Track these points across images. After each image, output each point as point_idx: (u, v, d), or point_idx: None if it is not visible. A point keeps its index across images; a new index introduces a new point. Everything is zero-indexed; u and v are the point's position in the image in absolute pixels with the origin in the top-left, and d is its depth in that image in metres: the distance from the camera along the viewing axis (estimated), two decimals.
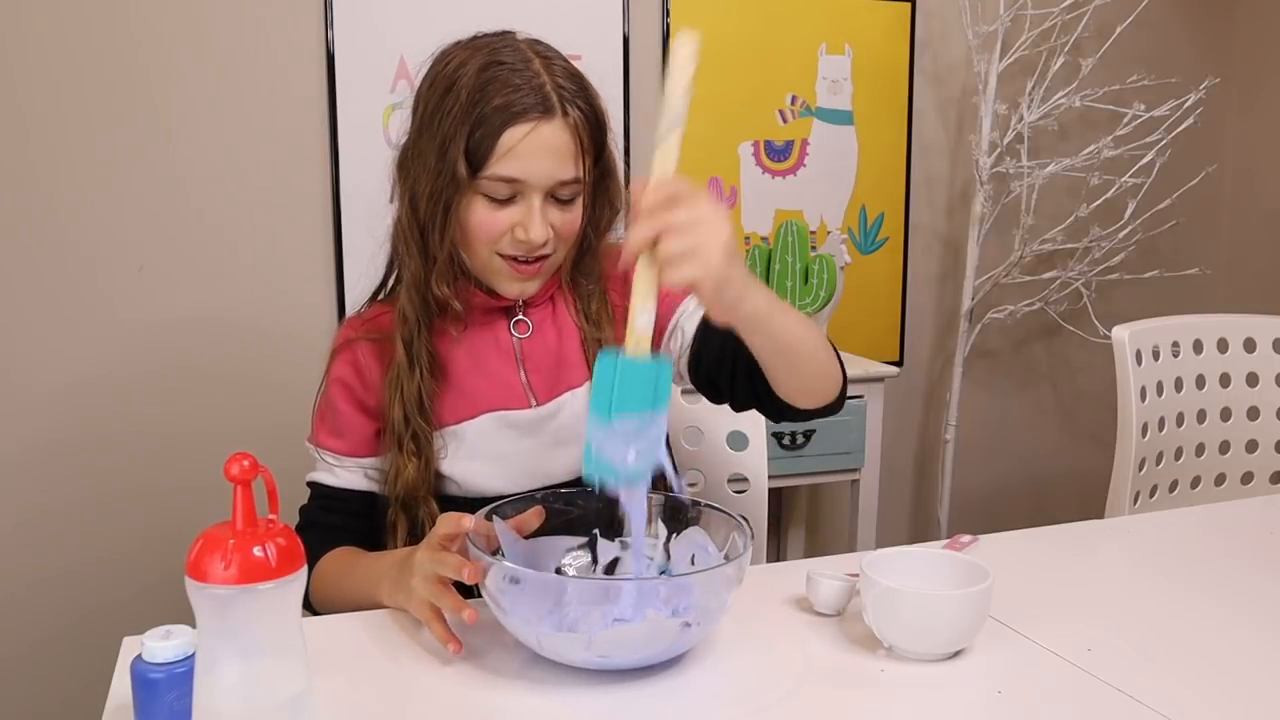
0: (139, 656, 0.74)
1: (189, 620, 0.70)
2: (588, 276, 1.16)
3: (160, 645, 0.73)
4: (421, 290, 1.09)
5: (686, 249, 0.80)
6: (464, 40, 1.08)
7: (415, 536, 1.09)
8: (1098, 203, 2.50)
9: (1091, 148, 2.45)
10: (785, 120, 2.42)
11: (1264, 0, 2.78)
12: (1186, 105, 2.45)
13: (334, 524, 1.13)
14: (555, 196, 1.05)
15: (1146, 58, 2.59)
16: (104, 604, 2.00)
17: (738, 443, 1.46)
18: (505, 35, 1.08)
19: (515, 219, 1.04)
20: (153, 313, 2.00)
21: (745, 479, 1.46)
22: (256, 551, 0.66)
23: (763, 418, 1.42)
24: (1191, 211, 2.72)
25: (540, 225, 1.03)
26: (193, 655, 0.72)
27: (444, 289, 1.08)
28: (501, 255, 1.07)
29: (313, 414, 1.17)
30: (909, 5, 2.48)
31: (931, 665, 0.87)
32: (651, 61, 2.26)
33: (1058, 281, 2.60)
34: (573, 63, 1.08)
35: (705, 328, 1.11)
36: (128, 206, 1.97)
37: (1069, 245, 2.57)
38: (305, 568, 0.69)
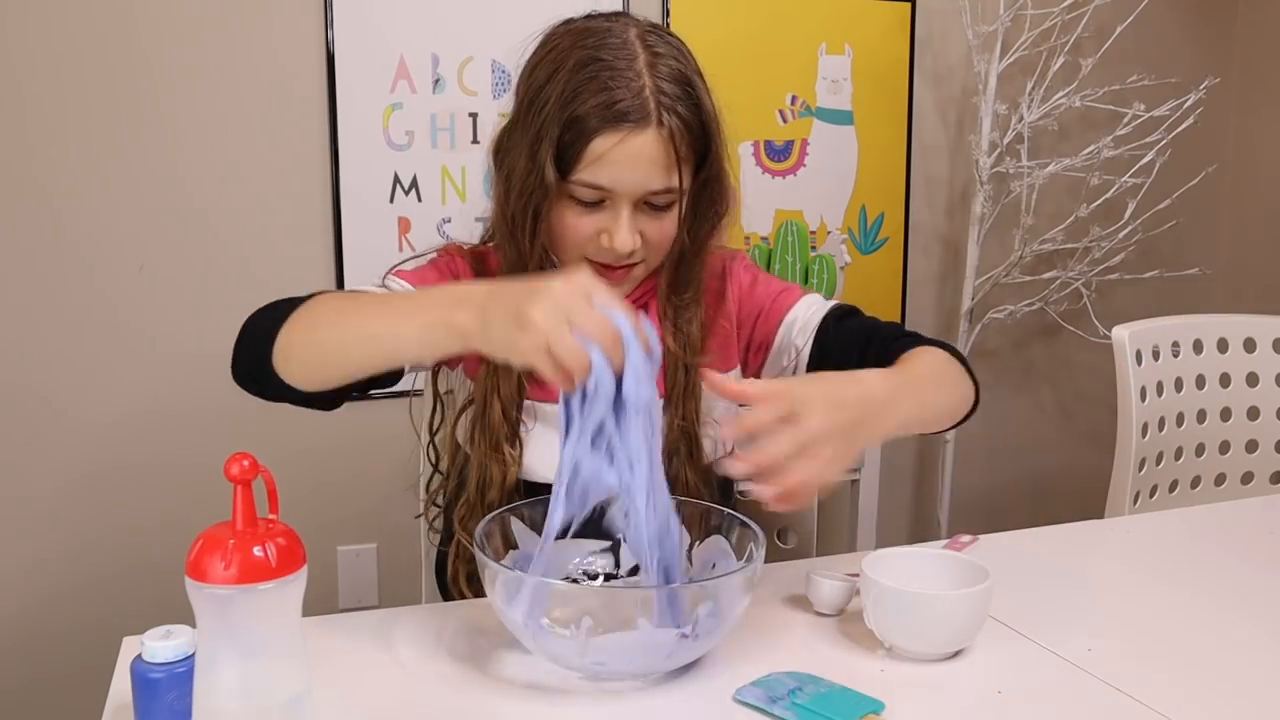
0: (139, 656, 0.74)
1: (189, 620, 0.70)
2: (682, 289, 1.09)
3: (160, 645, 0.73)
4: None
5: (825, 465, 0.78)
6: (575, 21, 1.02)
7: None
8: (1098, 203, 2.50)
9: (1091, 148, 2.45)
10: (785, 120, 2.42)
11: (1264, 0, 2.78)
12: (1186, 105, 2.45)
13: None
14: (648, 204, 1.00)
15: (1146, 58, 2.59)
16: (104, 603, 2.00)
17: None
18: (617, 21, 1.01)
19: (602, 225, 1.00)
20: (153, 312, 2.00)
21: None
22: (256, 551, 0.66)
23: None
24: (1191, 211, 2.72)
25: (627, 234, 0.99)
26: (193, 655, 0.72)
27: None
28: (588, 259, 1.03)
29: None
30: (909, 5, 2.48)
31: (931, 665, 0.87)
32: None
33: (1058, 281, 2.60)
34: (688, 58, 1.02)
35: (821, 341, 1.08)
36: (128, 206, 1.97)
37: (1069, 245, 2.57)
38: (305, 568, 0.69)
